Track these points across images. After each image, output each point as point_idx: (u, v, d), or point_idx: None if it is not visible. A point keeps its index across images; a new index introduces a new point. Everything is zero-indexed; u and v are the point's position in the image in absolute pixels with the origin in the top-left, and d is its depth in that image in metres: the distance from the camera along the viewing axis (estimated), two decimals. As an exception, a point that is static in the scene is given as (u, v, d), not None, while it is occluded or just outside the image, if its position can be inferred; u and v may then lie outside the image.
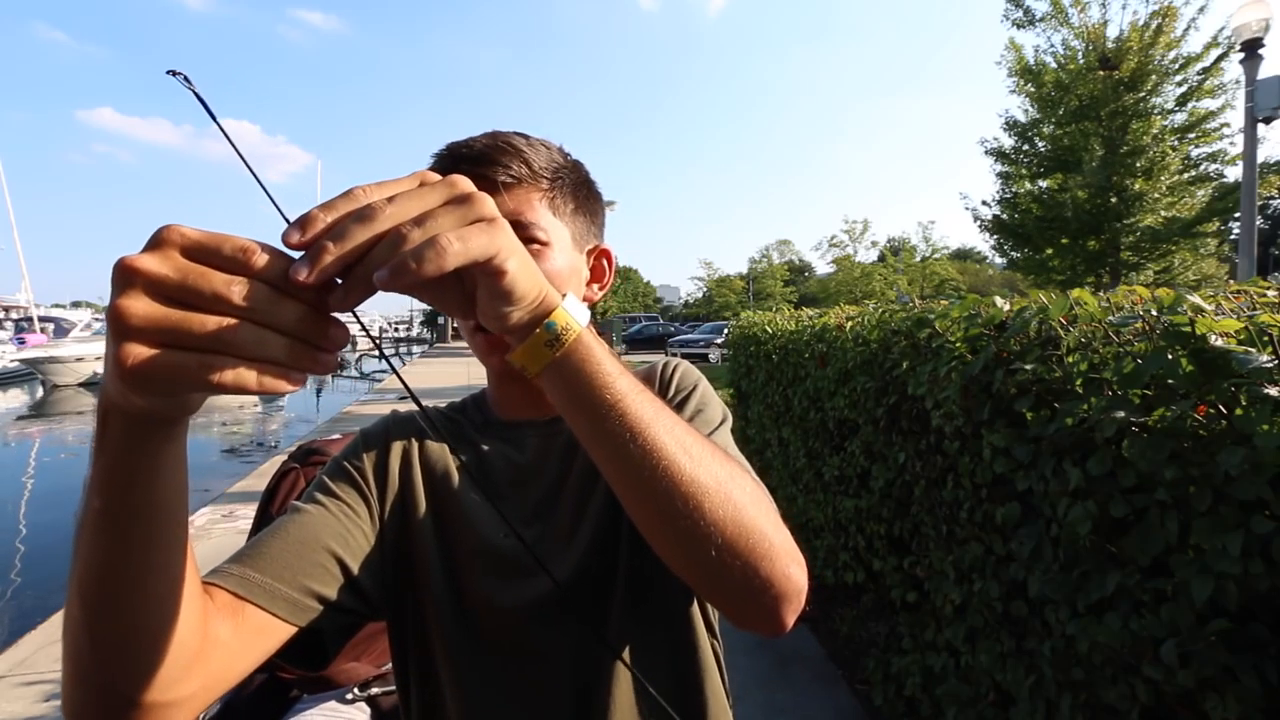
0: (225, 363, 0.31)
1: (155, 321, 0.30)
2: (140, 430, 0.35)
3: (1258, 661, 0.91)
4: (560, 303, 0.43)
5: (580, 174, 0.70)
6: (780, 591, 0.48)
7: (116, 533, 0.38)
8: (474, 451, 0.69)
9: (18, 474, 9.05)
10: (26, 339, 22.59)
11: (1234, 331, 1.00)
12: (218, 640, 0.48)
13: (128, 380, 0.31)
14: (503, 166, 0.61)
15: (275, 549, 0.56)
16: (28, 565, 5.46)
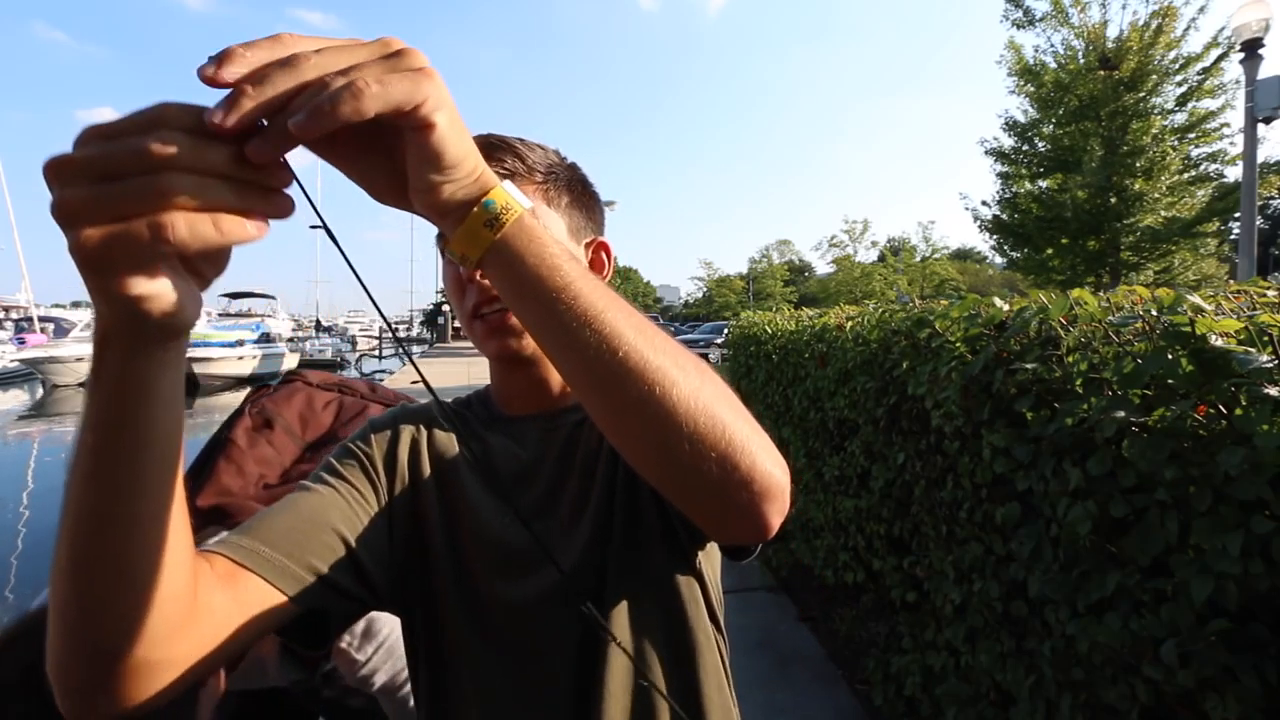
0: (175, 219, 0.30)
1: (93, 199, 0.30)
2: (131, 354, 0.35)
3: (1258, 661, 0.91)
4: (499, 182, 0.41)
5: (575, 173, 0.71)
6: (762, 487, 0.44)
7: (106, 474, 0.37)
8: (480, 445, 0.70)
9: (18, 474, 9.05)
10: (26, 339, 22.59)
11: (1234, 331, 1.00)
12: (212, 606, 0.47)
13: (90, 267, 0.31)
14: (497, 160, 0.62)
15: (284, 525, 0.56)
16: (28, 565, 5.46)
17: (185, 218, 0.31)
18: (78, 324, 24.50)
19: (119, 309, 0.33)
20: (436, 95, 0.35)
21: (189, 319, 0.36)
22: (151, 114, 0.31)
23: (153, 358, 0.36)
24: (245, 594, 0.50)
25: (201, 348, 19.12)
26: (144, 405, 0.37)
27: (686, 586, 0.65)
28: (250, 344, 20.67)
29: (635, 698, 0.62)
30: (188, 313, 0.35)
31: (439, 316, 45.35)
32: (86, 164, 0.31)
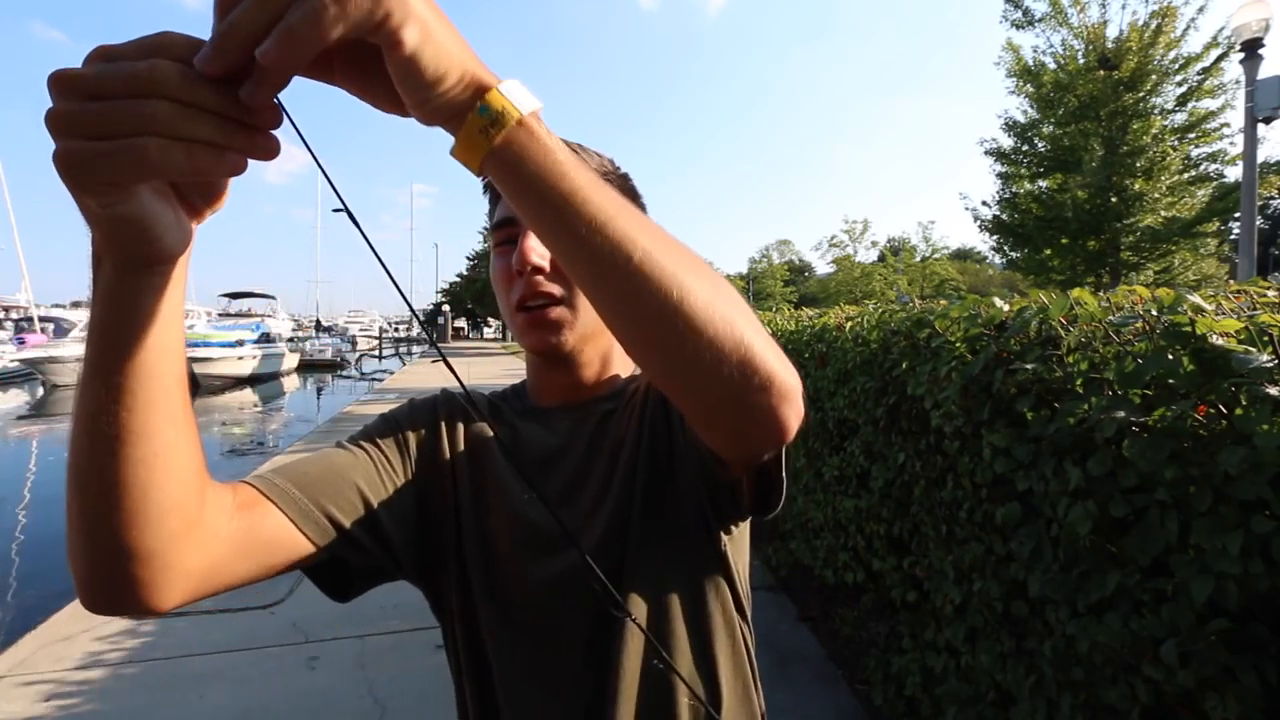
0: (148, 143, 0.31)
1: (79, 113, 0.31)
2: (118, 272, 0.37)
3: (1258, 661, 0.91)
4: (497, 83, 0.38)
5: (627, 184, 0.72)
6: (780, 389, 0.45)
7: (100, 383, 0.39)
8: (511, 432, 0.72)
9: (18, 474, 9.05)
10: (26, 339, 22.58)
11: (1234, 331, 1.00)
12: (223, 529, 0.49)
13: (69, 178, 0.32)
14: None
15: (313, 472, 0.59)
16: (27, 565, 5.46)
17: (159, 143, 0.31)
18: (78, 324, 24.49)
19: (99, 226, 0.35)
20: (400, 10, 0.33)
21: (170, 246, 0.37)
22: (152, 41, 0.33)
23: (139, 279, 0.38)
24: (263, 522, 0.53)
25: (202, 348, 19.10)
26: (133, 322, 0.38)
27: (710, 574, 0.66)
28: (250, 344, 20.66)
29: (650, 677, 0.63)
30: (168, 239, 0.37)
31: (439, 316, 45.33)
32: (82, 81, 0.32)
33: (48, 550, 5.82)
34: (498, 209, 0.68)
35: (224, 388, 18.95)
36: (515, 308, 0.65)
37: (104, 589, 0.44)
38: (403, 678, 2.68)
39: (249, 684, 2.63)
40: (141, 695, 2.56)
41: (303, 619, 3.19)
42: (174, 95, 0.32)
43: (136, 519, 0.42)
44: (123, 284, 0.38)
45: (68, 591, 3.73)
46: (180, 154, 0.32)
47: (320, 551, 0.57)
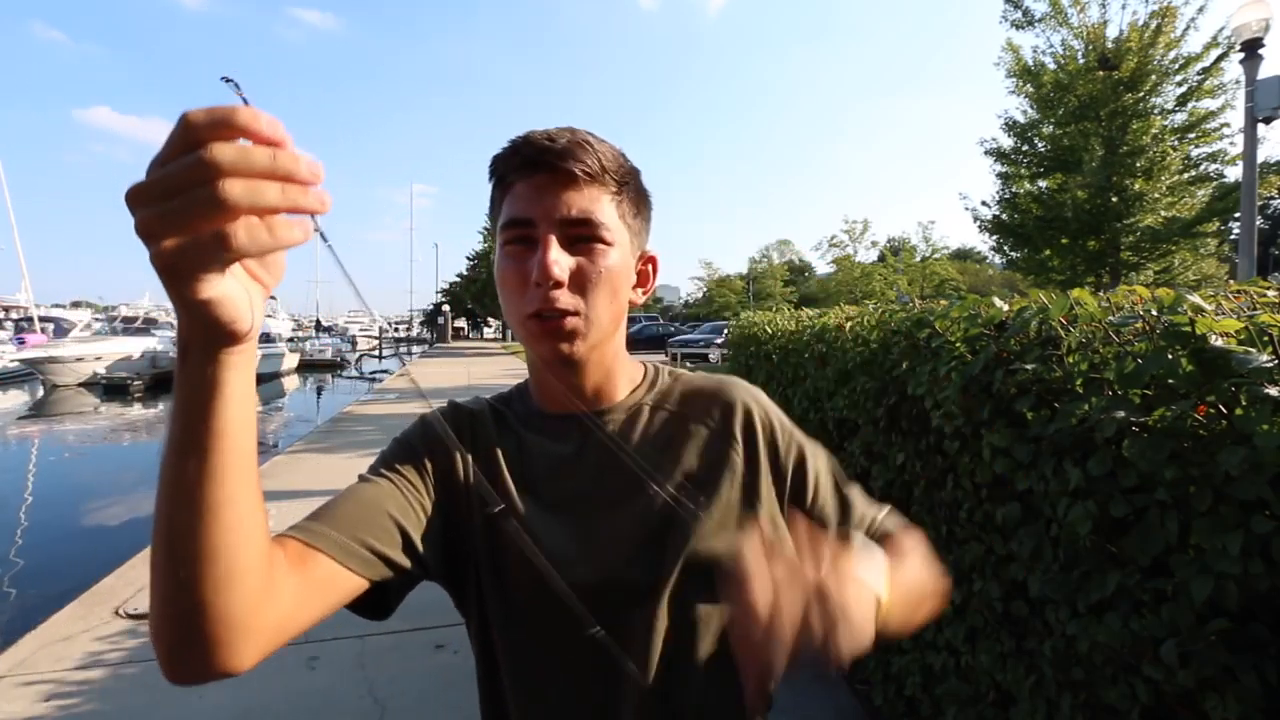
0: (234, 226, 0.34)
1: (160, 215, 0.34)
2: (205, 357, 0.40)
3: (1258, 661, 0.91)
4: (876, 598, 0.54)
5: (641, 181, 0.71)
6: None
7: (191, 460, 0.42)
8: (516, 442, 0.72)
9: (18, 474, 9.05)
10: (26, 339, 22.57)
11: (1234, 331, 1.00)
12: (286, 584, 0.51)
13: (165, 276, 0.36)
14: (582, 162, 0.62)
15: (346, 511, 0.61)
16: (28, 565, 5.46)
17: (244, 223, 0.34)
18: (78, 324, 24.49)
19: (193, 315, 0.38)
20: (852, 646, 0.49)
21: (250, 324, 0.40)
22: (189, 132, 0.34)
23: (224, 361, 0.41)
24: (316, 572, 0.55)
25: (201, 348, 19.08)
26: (217, 402, 0.41)
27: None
28: (250, 344, 20.63)
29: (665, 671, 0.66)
30: (247, 318, 0.39)
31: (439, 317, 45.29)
32: (152, 186, 0.34)
33: (48, 550, 5.82)
34: (507, 205, 0.65)
35: (224, 388, 18.91)
36: (528, 315, 0.64)
37: (191, 655, 0.46)
38: (403, 678, 2.68)
39: (249, 684, 2.63)
40: (141, 695, 2.56)
41: (303, 619, 3.19)
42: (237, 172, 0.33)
43: (222, 583, 0.44)
44: (210, 366, 0.40)
45: (68, 591, 3.73)
46: (263, 230, 0.35)
47: (370, 584, 0.59)
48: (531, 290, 0.63)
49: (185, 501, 0.43)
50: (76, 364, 18.61)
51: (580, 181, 0.63)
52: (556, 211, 0.62)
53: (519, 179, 0.64)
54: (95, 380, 18.62)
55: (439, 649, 2.90)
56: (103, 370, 18.80)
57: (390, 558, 0.60)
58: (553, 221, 0.62)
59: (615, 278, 0.65)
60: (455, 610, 0.74)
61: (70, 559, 5.49)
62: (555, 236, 0.62)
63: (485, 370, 18.72)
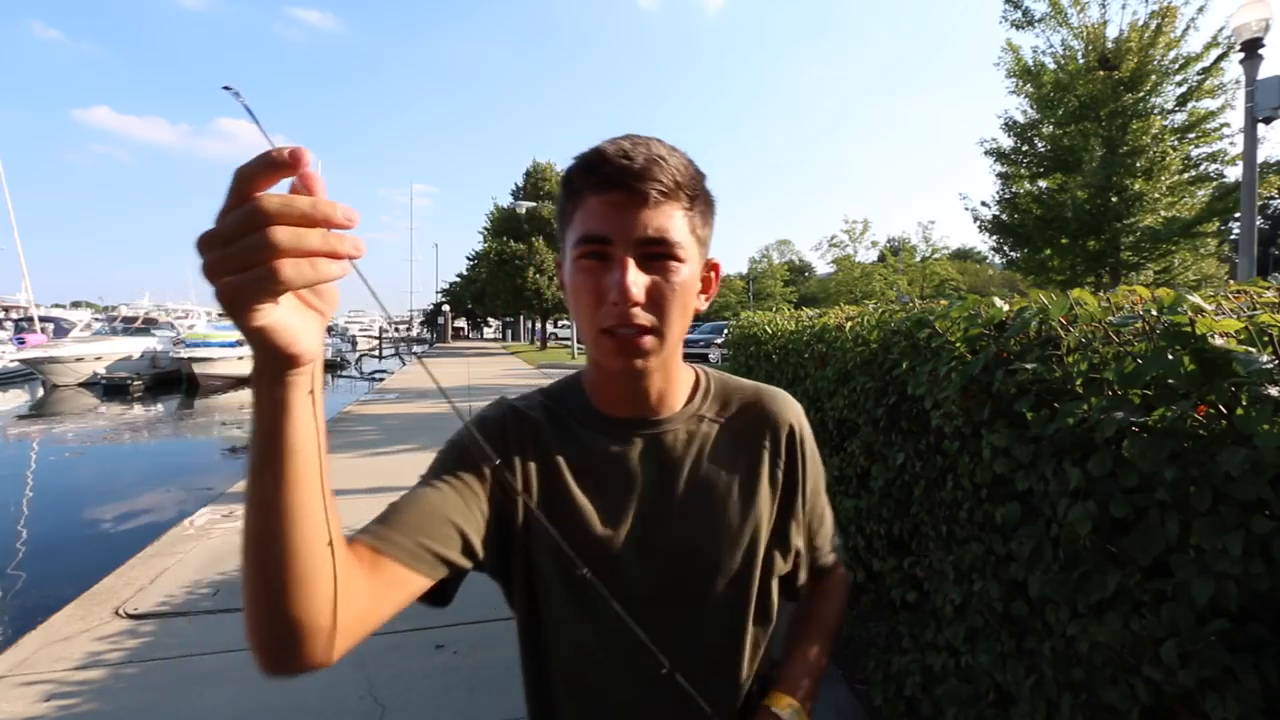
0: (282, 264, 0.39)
1: (221, 259, 0.39)
2: (273, 382, 0.45)
3: (1258, 661, 0.91)
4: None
5: (709, 192, 0.72)
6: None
7: (270, 475, 0.47)
8: (576, 445, 0.75)
9: (18, 474, 9.05)
10: (26, 339, 22.56)
11: (1234, 331, 1.00)
12: (360, 584, 0.56)
13: (228, 309, 0.40)
14: (658, 181, 0.64)
15: (410, 518, 0.65)
16: (28, 565, 5.46)
17: (291, 263, 0.39)
18: (78, 324, 24.48)
19: (254, 341, 0.42)
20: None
21: (311, 346, 0.45)
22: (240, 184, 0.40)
23: (289, 383, 0.45)
24: (385, 574, 0.60)
25: (201, 348, 19.10)
26: (286, 422, 0.46)
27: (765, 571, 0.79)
28: (250, 344, 20.62)
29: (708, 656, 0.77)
30: (307, 341, 0.45)
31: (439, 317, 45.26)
32: (215, 235, 0.40)
33: (48, 550, 5.82)
34: (581, 219, 0.66)
35: (224, 387, 18.93)
36: (602, 329, 0.66)
37: (281, 650, 0.51)
38: (403, 678, 2.68)
39: (249, 684, 2.63)
40: (141, 695, 2.56)
41: (303, 619, 3.19)
42: (285, 220, 0.39)
43: (302, 584, 0.49)
44: (278, 388, 0.45)
45: (67, 591, 3.73)
46: (307, 267, 0.40)
47: (428, 583, 0.64)
48: (607, 306, 0.65)
49: (265, 511, 0.48)
50: (76, 364, 18.61)
51: (656, 200, 0.64)
52: (634, 231, 0.64)
53: (594, 194, 0.65)
54: (95, 380, 18.62)
55: (439, 649, 2.90)
56: (102, 370, 18.80)
57: (451, 560, 0.65)
58: (630, 241, 0.65)
59: (687, 293, 0.68)
60: (455, 610, 0.76)
61: (70, 559, 5.49)
62: (632, 256, 0.65)
63: (486, 370, 18.71)
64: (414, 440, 7.91)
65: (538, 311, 31.98)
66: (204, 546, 4.26)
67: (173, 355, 19.51)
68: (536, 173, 31.80)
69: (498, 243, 31.42)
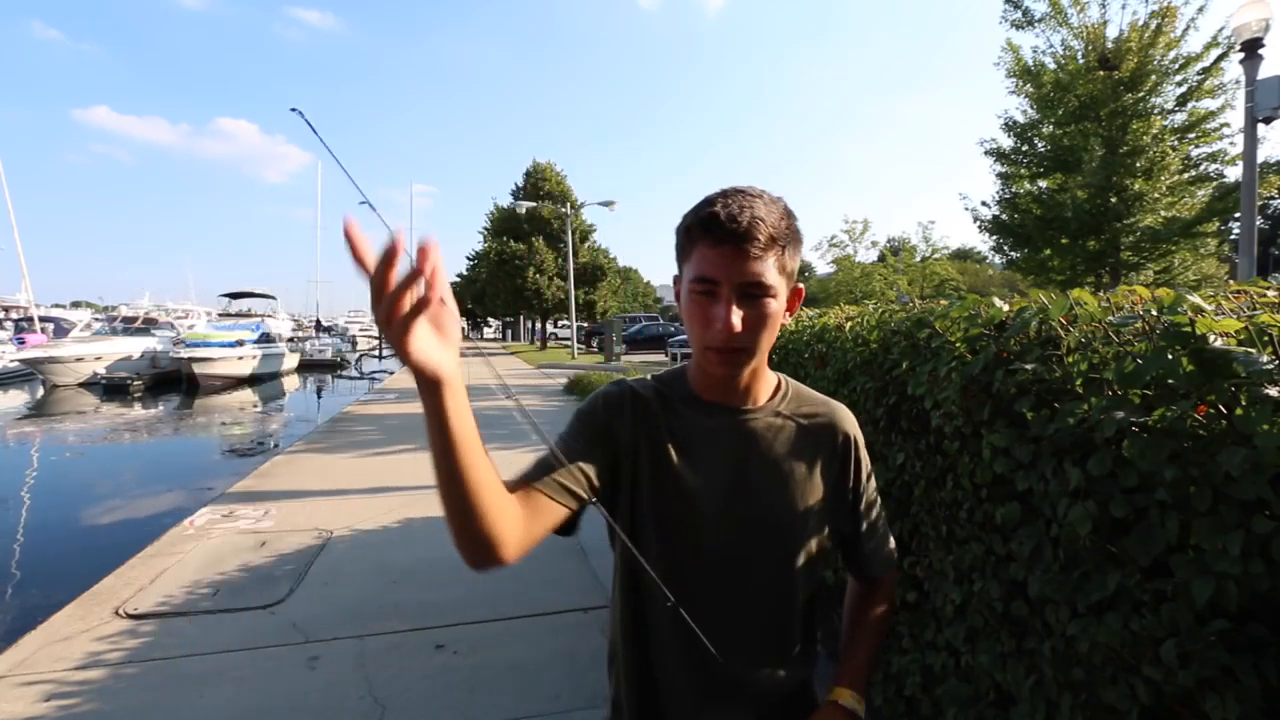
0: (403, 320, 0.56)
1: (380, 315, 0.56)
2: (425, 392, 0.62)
3: (1258, 661, 0.91)
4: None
5: (797, 232, 0.88)
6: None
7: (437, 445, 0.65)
8: (681, 420, 0.94)
9: (18, 474, 9.05)
10: (26, 339, 22.57)
11: (1234, 331, 1.00)
12: (516, 512, 0.76)
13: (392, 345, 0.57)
14: (757, 240, 0.81)
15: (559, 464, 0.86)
16: (28, 565, 5.46)
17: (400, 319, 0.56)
18: (78, 324, 24.48)
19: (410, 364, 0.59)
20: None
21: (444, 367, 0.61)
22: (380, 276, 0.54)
23: (438, 395, 0.62)
24: (538, 504, 0.81)
25: (201, 348, 19.10)
26: (442, 421, 0.64)
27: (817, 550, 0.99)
28: (250, 344, 20.63)
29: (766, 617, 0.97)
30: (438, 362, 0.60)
31: (439, 316, 44.92)
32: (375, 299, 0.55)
33: (48, 550, 5.82)
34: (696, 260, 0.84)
35: (224, 388, 18.93)
36: (708, 346, 0.85)
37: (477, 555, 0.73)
38: (403, 678, 2.68)
39: (249, 684, 2.63)
40: (141, 695, 2.56)
41: (303, 619, 3.19)
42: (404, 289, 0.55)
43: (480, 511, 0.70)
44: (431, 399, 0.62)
45: (67, 591, 3.73)
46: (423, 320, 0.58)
47: (570, 513, 0.85)
48: (714, 331, 0.84)
49: (445, 470, 0.66)
50: (76, 364, 18.61)
51: (755, 254, 0.81)
52: (737, 277, 0.82)
53: (707, 244, 0.82)
54: (95, 380, 18.62)
55: (439, 649, 2.90)
56: (102, 370, 18.80)
57: (578, 494, 0.86)
58: (733, 284, 0.82)
59: (775, 321, 0.86)
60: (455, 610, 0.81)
61: (70, 559, 5.49)
62: (734, 295, 0.82)
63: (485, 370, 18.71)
64: (414, 440, 7.90)
65: (537, 311, 31.97)
66: (204, 546, 4.26)
67: (172, 355, 19.51)
68: (536, 173, 31.77)
69: (498, 243, 31.41)
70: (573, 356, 23.51)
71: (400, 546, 4.25)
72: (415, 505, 5.12)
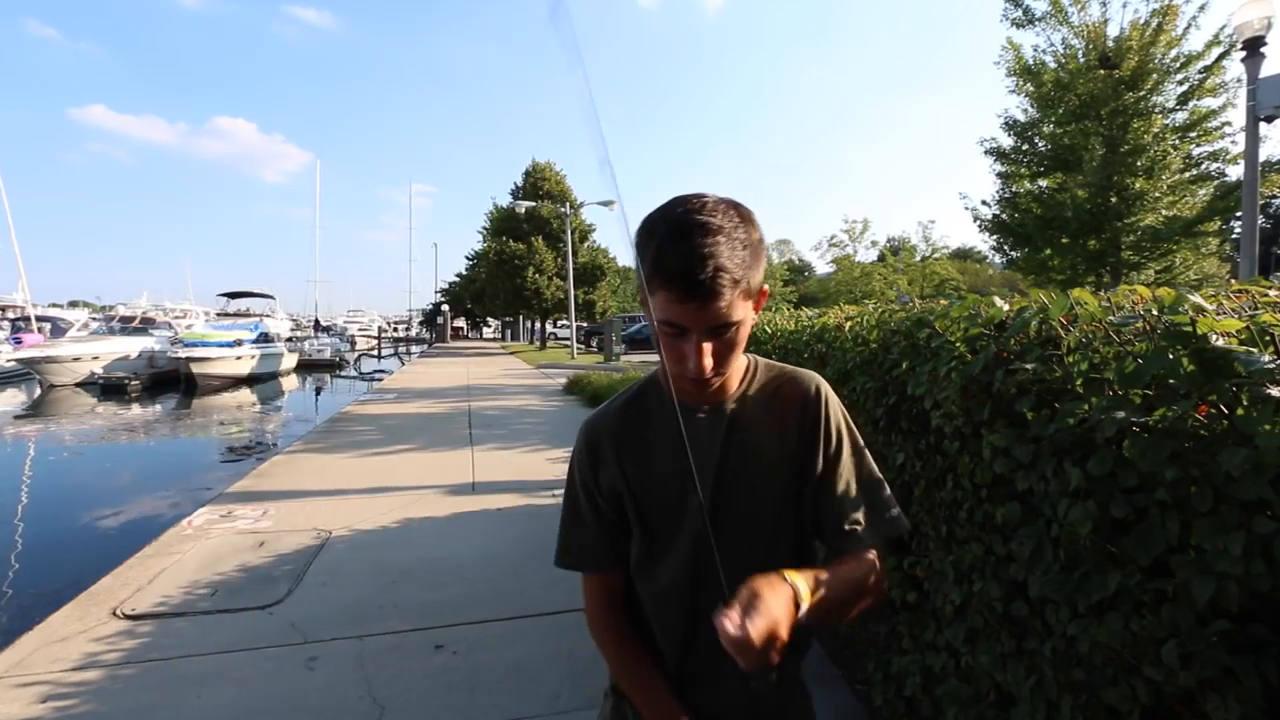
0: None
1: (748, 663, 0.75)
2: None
3: (1259, 662, 0.91)
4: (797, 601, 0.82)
5: (758, 245, 0.87)
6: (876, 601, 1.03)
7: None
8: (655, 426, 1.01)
9: (15, 474, 9.04)
10: (23, 338, 22.55)
11: (1235, 331, 0.99)
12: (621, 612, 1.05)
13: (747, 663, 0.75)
14: (719, 290, 0.81)
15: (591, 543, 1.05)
16: (25, 565, 5.46)
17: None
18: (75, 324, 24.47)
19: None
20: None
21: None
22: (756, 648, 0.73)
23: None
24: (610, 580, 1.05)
25: (200, 347, 19.09)
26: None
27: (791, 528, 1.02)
28: (249, 344, 20.62)
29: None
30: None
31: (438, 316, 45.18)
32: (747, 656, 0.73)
33: (45, 550, 5.81)
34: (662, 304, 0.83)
35: (222, 387, 18.93)
36: (682, 375, 0.89)
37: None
38: (402, 678, 2.68)
39: (248, 684, 2.63)
40: (139, 696, 2.55)
41: (302, 619, 3.18)
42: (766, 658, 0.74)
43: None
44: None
45: (65, 592, 3.72)
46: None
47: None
48: (686, 368, 0.87)
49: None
50: (73, 364, 18.60)
51: (720, 297, 0.81)
52: (704, 322, 0.83)
53: (670, 295, 0.82)
54: (92, 380, 18.60)
55: (439, 649, 2.90)
56: (100, 370, 18.79)
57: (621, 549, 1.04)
58: (701, 329, 0.84)
59: (743, 341, 0.90)
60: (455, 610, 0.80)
61: (68, 559, 5.49)
62: (704, 337, 0.84)
63: (485, 370, 18.70)
64: (413, 440, 7.90)
65: (537, 311, 31.96)
66: (202, 547, 4.25)
67: (170, 355, 19.50)
68: (536, 172, 31.74)
69: (497, 242, 31.39)
70: (572, 356, 23.51)
71: (399, 546, 4.25)
72: (414, 505, 5.11)
